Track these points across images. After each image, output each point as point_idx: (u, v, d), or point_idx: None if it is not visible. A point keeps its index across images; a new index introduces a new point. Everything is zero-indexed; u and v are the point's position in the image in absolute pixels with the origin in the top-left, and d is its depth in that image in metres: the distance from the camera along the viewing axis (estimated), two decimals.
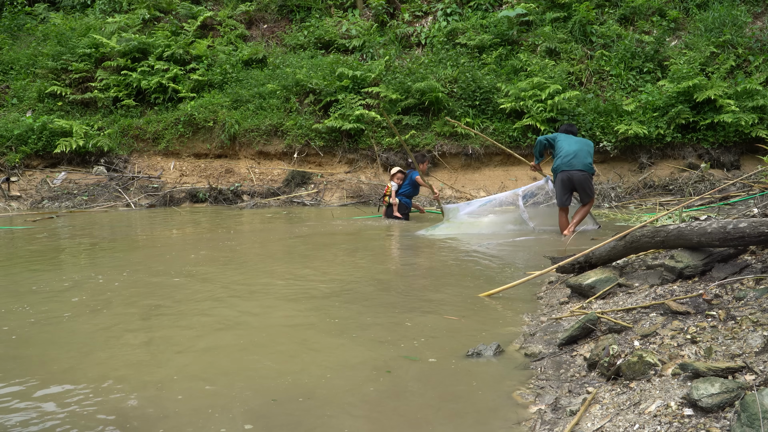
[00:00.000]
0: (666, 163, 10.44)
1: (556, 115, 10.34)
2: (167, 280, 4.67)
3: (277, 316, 3.66)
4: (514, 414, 2.27)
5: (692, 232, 3.02)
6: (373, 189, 11.09)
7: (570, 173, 6.40)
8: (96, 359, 2.92)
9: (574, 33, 11.75)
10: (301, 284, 4.48)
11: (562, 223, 6.63)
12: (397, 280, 4.65)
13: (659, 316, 2.70)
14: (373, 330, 3.32)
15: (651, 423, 1.90)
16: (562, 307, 3.54)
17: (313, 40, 13.27)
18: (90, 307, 3.83)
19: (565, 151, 6.46)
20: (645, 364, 2.23)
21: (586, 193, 6.51)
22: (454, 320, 3.48)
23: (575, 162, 6.39)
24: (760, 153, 8.96)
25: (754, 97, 9.71)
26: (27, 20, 15.18)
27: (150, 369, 2.78)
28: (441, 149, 11.03)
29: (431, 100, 11.05)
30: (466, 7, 12.99)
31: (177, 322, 3.52)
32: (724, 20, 10.91)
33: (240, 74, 12.68)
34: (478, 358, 2.83)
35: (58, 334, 3.32)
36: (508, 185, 10.63)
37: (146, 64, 12.59)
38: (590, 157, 6.52)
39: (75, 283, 4.58)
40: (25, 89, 12.99)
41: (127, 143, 12.23)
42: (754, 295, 2.56)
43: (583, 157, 6.45)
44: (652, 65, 10.99)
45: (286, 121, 11.71)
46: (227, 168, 11.93)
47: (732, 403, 1.83)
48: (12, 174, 11.35)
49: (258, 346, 3.07)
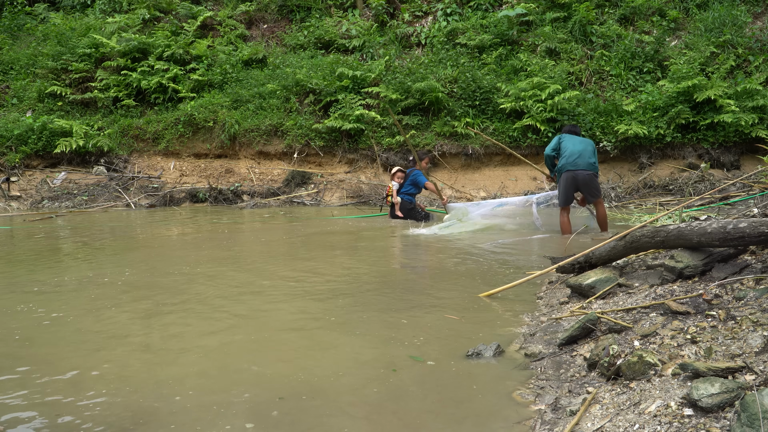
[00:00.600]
0: (666, 163, 10.44)
1: (556, 115, 10.34)
2: (172, 279, 4.68)
3: (282, 314, 3.66)
4: (514, 414, 2.27)
5: (692, 232, 3.02)
6: (373, 189, 11.09)
7: (575, 173, 6.42)
8: (104, 357, 2.94)
9: (574, 33, 11.75)
10: (300, 284, 4.47)
11: (563, 222, 6.62)
12: (397, 280, 4.65)
13: (659, 316, 2.70)
14: (375, 330, 3.32)
15: (651, 423, 1.90)
16: (562, 307, 3.54)
17: (313, 40, 13.27)
18: (97, 306, 3.84)
19: (569, 151, 6.47)
20: (645, 364, 2.23)
21: (591, 193, 6.54)
22: (454, 320, 3.48)
23: (580, 162, 6.41)
24: (760, 153, 8.96)
25: (754, 97, 9.72)
26: (27, 20, 15.18)
27: (158, 367, 2.81)
28: (441, 149, 11.03)
29: (431, 100, 11.05)
30: (466, 7, 12.99)
31: (183, 320, 3.55)
32: (724, 20, 10.91)
33: (240, 74, 12.68)
34: (478, 359, 2.83)
35: (64, 333, 3.33)
36: (507, 185, 10.64)
37: (146, 64, 12.59)
38: (594, 156, 6.56)
39: (79, 282, 4.58)
40: (25, 89, 12.99)
41: (127, 143, 12.23)
42: (754, 295, 2.56)
43: (588, 156, 6.47)
44: (652, 65, 10.99)
45: (286, 121, 11.70)
46: (227, 168, 11.93)
47: (732, 403, 1.82)
48: (12, 174, 11.35)
49: (262, 344, 3.09)
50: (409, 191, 8.49)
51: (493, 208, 7.51)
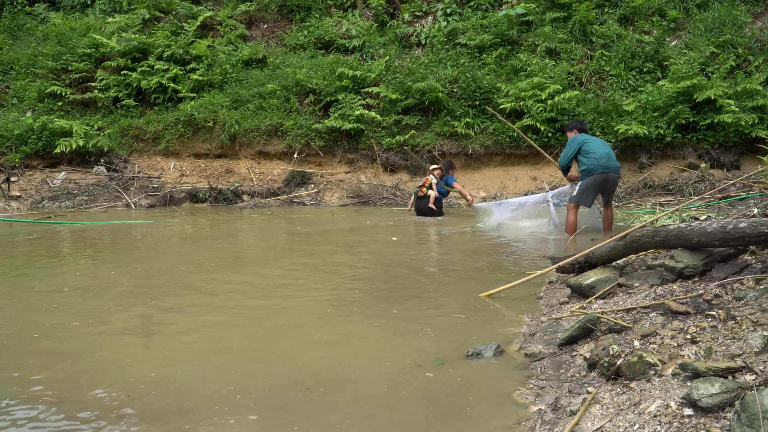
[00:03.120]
0: (666, 163, 10.44)
1: (556, 115, 10.34)
2: (183, 277, 4.76)
3: (282, 313, 3.67)
4: (514, 414, 2.27)
5: (692, 232, 3.02)
6: (373, 189, 11.09)
7: (607, 175, 6.38)
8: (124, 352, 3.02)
9: (574, 33, 11.75)
10: (300, 284, 4.48)
11: (570, 221, 6.47)
12: (397, 280, 4.65)
13: (659, 316, 2.70)
14: (376, 328, 3.33)
15: (651, 423, 1.90)
16: (562, 307, 3.54)
17: (313, 40, 13.27)
18: (110, 302, 3.84)
19: (598, 153, 6.38)
20: (645, 364, 2.23)
21: (611, 195, 6.60)
22: (454, 320, 3.49)
23: (611, 164, 6.40)
24: (760, 153, 8.95)
25: (754, 97, 9.71)
26: (27, 20, 15.17)
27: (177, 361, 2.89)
28: (441, 149, 11.03)
29: (431, 100, 11.05)
30: (466, 7, 12.99)
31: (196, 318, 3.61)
32: (724, 20, 10.91)
33: (240, 74, 12.68)
34: (478, 359, 2.83)
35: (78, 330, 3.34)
36: (507, 185, 10.64)
37: (146, 64, 12.59)
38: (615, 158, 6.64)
39: (89, 280, 4.59)
40: (25, 89, 12.99)
41: (127, 143, 12.23)
42: (754, 295, 2.56)
43: (614, 158, 6.52)
44: (652, 65, 10.99)
45: (286, 121, 11.71)
46: (227, 168, 11.93)
47: (732, 403, 1.82)
48: (12, 174, 11.35)
49: (275, 340, 3.11)
50: (441, 190, 9.10)
51: (513, 210, 7.71)
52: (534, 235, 7.06)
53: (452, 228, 7.87)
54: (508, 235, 7.00)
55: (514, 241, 6.50)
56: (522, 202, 7.83)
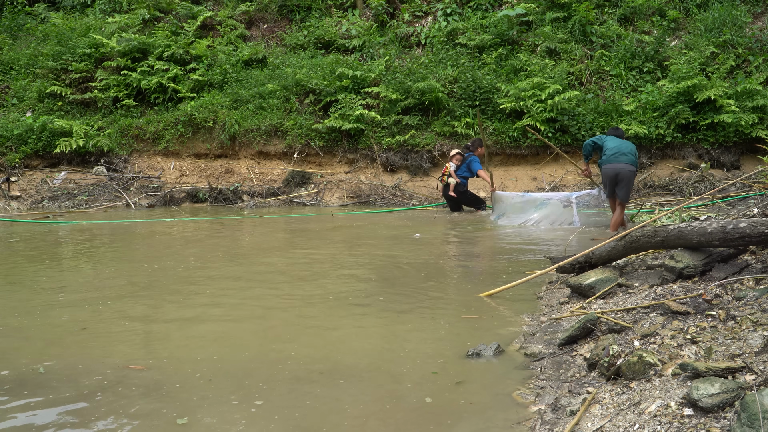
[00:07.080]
0: (666, 163, 10.44)
1: (556, 115, 10.34)
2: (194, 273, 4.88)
3: (282, 313, 3.68)
4: (514, 414, 2.27)
5: (692, 232, 3.02)
6: (373, 189, 11.08)
7: (617, 167, 6.55)
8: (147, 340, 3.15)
9: (574, 33, 11.75)
10: (299, 284, 4.49)
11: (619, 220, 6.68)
12: (398, 279, 4.65)
13: (659, 316, 2.71)
14: (376, 328, 3.34)
15: (651, 423, 1.90)
16: (562, 307, 3.54)
17: (313, 40, 13.26)
18: (126, 294, 3.85)
19: (610, 148, 6.68)
20: (645, 364, 2.23)
21: (624, 190, 6.63)
22: (453, 320, 3.49)
23: (621, 157, 6.57)
24: (760, 153, 8.96)
25: (754, 97, 9.71)
26: (27, 20, 15.16)
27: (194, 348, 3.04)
28: (441, 149, 11.03)
29: (431, 100, 11.05)
30: (466, 7, 12.99)
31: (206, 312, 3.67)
32: (724, 20, 10.91)
33: (240, 74, 12.67)
34: (478, 358, 2.83)
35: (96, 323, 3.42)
36: (507, 185, 10.63)
37: (146, 64, 12.58)
38: (634, 156, 6.69)
39: (100, 276, 4.60)
40: (25, 89, 12.98)
41: (127, 143, 12.22)
42: (754, 295, 2.56)
43: (630, 153, 6.64)
44: (652, 65, 10.99)
45: (286, 121, 11.70)
46: (227, 168, 11.92)
47: (732, 403, 1.83)
48: (12, 174, 11.34)
49: (287, 334, 3.11)
50: (463, 174, 9.00)
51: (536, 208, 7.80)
52: (534, 235, 7.07)
53: (460, 228, 7.86)
54: (509, 234, 7.01)
55: (514, 242, 6.50)
56: (547, 197, 7.89)
